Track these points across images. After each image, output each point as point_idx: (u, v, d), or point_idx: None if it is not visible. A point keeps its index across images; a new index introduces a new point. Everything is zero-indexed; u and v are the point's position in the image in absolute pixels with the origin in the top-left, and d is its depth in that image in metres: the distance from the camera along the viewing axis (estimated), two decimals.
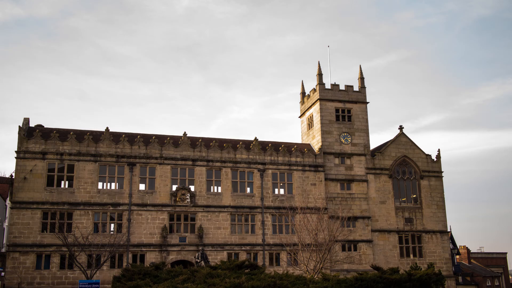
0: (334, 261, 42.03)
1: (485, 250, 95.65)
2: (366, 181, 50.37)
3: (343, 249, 48.09)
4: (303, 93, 56.69)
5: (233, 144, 47.45)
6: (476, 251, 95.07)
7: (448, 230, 52.31)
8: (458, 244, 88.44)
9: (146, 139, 45.13)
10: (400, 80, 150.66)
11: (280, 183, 47.59)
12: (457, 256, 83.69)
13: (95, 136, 43.91)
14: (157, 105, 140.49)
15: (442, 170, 53.25)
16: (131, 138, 44.84)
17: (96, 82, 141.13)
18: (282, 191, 47.54)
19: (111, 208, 42.35)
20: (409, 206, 51.34)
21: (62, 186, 42.05)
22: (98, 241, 41.23)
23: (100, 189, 42.62)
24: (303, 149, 49.56)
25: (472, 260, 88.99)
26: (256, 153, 47.36)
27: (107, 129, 43.81)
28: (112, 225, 42.46)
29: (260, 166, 47.20)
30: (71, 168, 42.31)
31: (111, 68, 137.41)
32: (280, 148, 48.43)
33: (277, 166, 47.78)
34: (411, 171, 52.45)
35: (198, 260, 35.07)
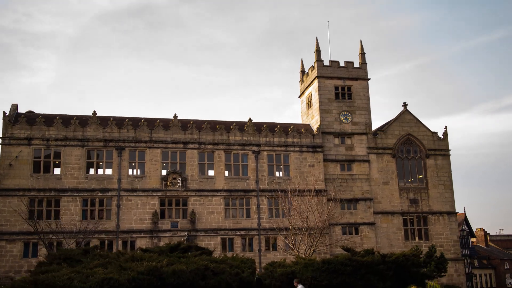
0: (327, 245, 40.10)
1: (505, 233, 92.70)
2: (367, 161, 48.15)
3: (344, 233, 46.15)
4: (302, 72, 54.48)
5: (226, 126, 45.70)
6: (495, 234, 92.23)
7: (457, 211, 49.76)
8: (474, 227, 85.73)
9: (135, 122, 43.70)
10: (405, 56, 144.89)
11: (276, 165, 45.76)
12: (473, 239, 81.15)
13: (82, 121, 42.68)
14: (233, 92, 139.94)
15: (450, 149, 50.63)
16: (120, 122, 43.48)
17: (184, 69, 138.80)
18: (278, 174, 45.72)
19: (99, 194, 41.19)
20: (414, 187, 48.98)
21: (49, 172, 40.94)
22: (87, 228, 40.31)
23: (88, 175, 41.47)
24: (300, 129, 47.54)
25: (490, 243, 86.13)
26: (250, 135, 45.56)
27: (94, 113, 42.53)
28: (101, 211, 41.29)
29: (255, 148, 45.40)
30: (57, 154, 41.24)
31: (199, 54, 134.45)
32: (276, 129, 46.51)
33: (273, 147, 45.91)
34: (416, 150, 49.98)
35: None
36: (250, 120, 46.11)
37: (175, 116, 44.25)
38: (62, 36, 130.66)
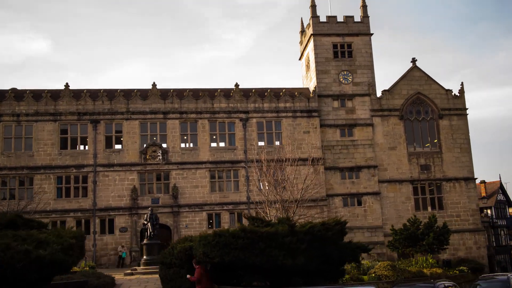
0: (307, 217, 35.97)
1: None
2: (371, 125, 43.41)
3: (345, 204, 41.93)
4: (302, 32, 49.88)
5: (210, 93, 42.09)
6: None
7: (477, 177, 44.35)
8: None
9: (111, 94, 40.80)
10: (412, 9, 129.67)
11: (266, 133, 41.87)
12: (511, 209, 74.38)
13: (54, 94, 40.18)
14: None
15: (467, 107, 45.02)
16: (94, 94, 40.72)
17: None
18: (269, 142, 41.82)
19: (74, 171, 38.77)
20: (426, 151, 43.89)
21: (21, 150, 38.79)
22: (62, 207, 38.19)
23: (61, 151, 39.08)
24: (294, 92, 43.27)
25: None
26: (237, 101, 41.80)
27: (66, 85, 39.96)
28: (77, 189, 38.91)
29: (243, 115, 41.64)
30: (29, 130, 39.01)
31: None
32: (266, 94, 42.50)
33: (263, 114, 42.00)
34: (427, 110, 44.71)
35: (145, 222, 30.68)
36: (237, 85, 42.29)
37: (154, 84, 41.05)
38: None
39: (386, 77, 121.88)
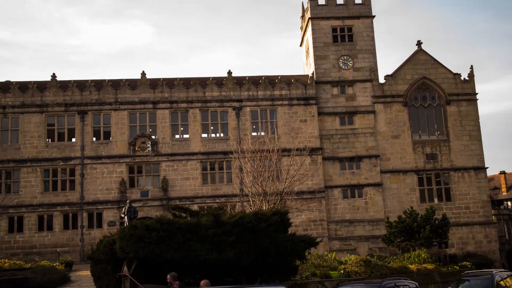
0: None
1: None
2: (373, 112, 41.05)
3: (345, 196, 39.76)
4: (302, 17, 47.66)
5: (202, 81, 40.40)
6: None
7: (488, 166, 41.54)
8: None
9: (99, 84, 39.52)
10: None
11: (261, 122, 39.98)
12: None
13: (41, 85, 39.11)
14: None
15: (477, 92, 42.19)
16: (82, 84, 39.49)
17: None
18: (263, 132, 39.85)
19: (61, 163, 37.67)
20: (432, 139, 41.29)
21: (7, 142, 37.86)
22: (49, 201, 37.19)
23: (48, 143, 38.04)
24: (290, 79, 41.21)
25: None
26: (230, 89, 40.01)
27: (53, 75, 38.85)
28: (64, 182, 37.81)
29: (236, 104, 39.84)
30: (15, 122, 38.06)
31: None
32: (260, 81, 40.58)
33: (257, 102, 40.12)
34: (433, 96, 42.06)
35: (123, 216, 29.25)
36: (229, 72, 40.49)
37: (143, 73, 39.60)
38: None
39: (389, 62, 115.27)
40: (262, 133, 39.22)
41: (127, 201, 29.78)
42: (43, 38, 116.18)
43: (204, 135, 39.52)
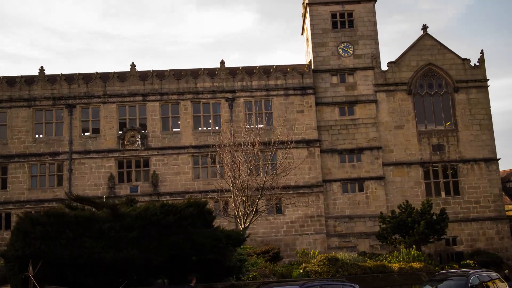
0: (263, 210, 31.73)
1: None
2: (374, 101, 38.73)
3: (345, 191, 37.60)
4: (303, 4, 45.51)
5: (194, 73, 38.81)
6: None
7: (500, 157, 38.69)
8: None
9: (88, 77, 38.39)
10: None
11: (255, 113, 38.14)
12: None
13: (29, 79, 38.22)
14: None
15: (488, 78, 39.35)
16: (70, 77, 38.42)
17: None
18: (258, 123, 38.01)
19: (49, 159, 36.70)
20: (439, 130, 38.71)
21: None
22: (37, 197, 36.29)
23: (36, 138, 37.12)
24: (286, 69, 39.24)
25: None
26: (222, 79, 38.32)
27: (41, 68, 37.90)
28: (52, 177, 36.83)
29: (229, 95, 38.12)
30: (3, 117, 37.27)
31: None
32: (254, 71, 38.76)
33: (251, 92, 38.31)
34: (440, 83, 39.43)
35: None
36: (222, 62, 38.79)
37: (133, 65, 38.28)
38: None
39: (392, 49, 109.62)
40: (261, 126, 37.46)
41: (104, 197, 28.40)
42: (145, 28, 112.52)
43: (196, 128, 37.94)
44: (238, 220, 28.29)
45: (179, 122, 37.86)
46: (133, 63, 38.25)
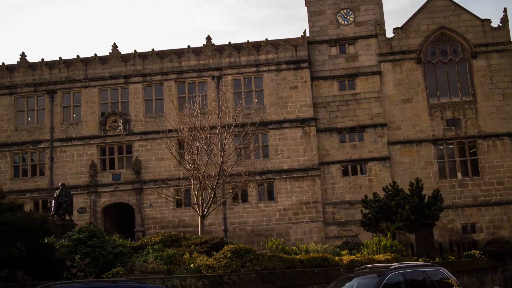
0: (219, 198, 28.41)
1: None
2: (378, 73, 34.48)
3: (345, 173, 33.73)
4: None
5: (178, 52, 36.08)
6: None
7: None
8: None
9: (69, 61, 36.59)
10: None
11: (245, 91, 34.88)
12: None
13: (11, 67, 36.92)
14: None
15: None
16: (52, 63, 36.76)
17: None
18: (248, 102, 34.81)
19: (30, 147, 35.28)
20: (454, 102, 33.92)
21: None
22: (19, 187, 34.97)
23: (18, 126, 35.77)
24: (279, 42, 35.70)
25: None
26: (209, 57, 35.38)
27: (22, 54, 36.53)
28: (34, 167, 35.39)
29: (216, 73, 35.14)
30: None
31: None
32: (243, 46, 35.51)
33: (240, 69, 35.13)
34: (455, 49, 34.53)
35: (52, 201, 25.74)
36: (209, 38, 35.80)
37: (115, 45, 36.08)
38: None
39: (399, 14, 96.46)
40: (247, 103, 34.34)
41: (60, 183, 26.28)
42: None
43: (181, 110, 35.20)
44: (198, 208, 25.45)
45: (161, 105, 35.32)
46: (115, 43, 36.11)
